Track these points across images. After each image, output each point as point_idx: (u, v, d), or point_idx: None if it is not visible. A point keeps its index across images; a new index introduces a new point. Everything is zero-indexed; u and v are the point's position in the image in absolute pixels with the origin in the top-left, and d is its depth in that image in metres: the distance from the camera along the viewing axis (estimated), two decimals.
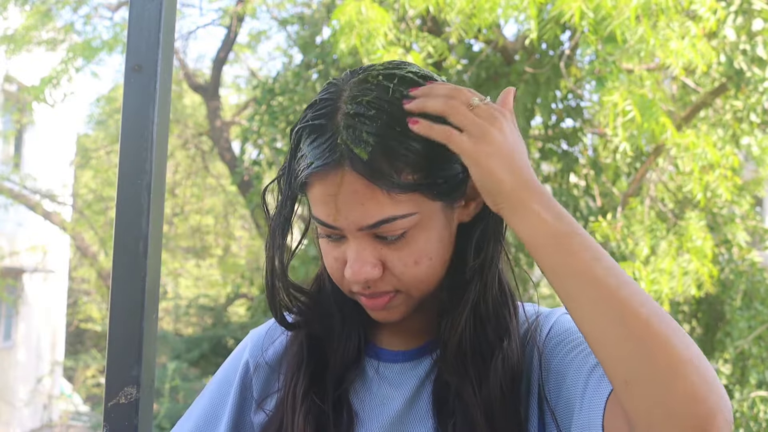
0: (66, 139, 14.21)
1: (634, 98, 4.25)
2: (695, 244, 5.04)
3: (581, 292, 0.76)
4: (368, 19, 4.30)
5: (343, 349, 0.94)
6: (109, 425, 1.13)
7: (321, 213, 0.85)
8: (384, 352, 0.96)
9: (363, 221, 0.83)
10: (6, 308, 13.23)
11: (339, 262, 0.88)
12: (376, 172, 0.81)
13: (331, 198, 0.83)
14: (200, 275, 15.66)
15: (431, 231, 0.86)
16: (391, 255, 0.85)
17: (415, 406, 0.93)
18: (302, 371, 0.94)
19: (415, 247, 0.85)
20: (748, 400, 6.63)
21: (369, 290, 0.87)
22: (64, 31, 8.97)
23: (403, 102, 0.83)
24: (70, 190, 12.92)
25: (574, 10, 3.93)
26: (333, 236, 0.87)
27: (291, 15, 8.71)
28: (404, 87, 0.85)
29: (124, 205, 1.06)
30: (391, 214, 0.83)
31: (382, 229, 0.84)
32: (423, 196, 0.84)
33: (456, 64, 6.42)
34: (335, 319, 0.95)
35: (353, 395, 0.94)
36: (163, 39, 1.09)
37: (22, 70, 11.55)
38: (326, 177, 0.83)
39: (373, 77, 0.86)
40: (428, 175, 0.83)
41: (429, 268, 0.87)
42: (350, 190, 0.82)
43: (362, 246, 0.85)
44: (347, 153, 0.81)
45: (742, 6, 4.85)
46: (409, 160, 0.82)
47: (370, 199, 0.82)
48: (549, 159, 6.72)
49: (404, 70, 0.87)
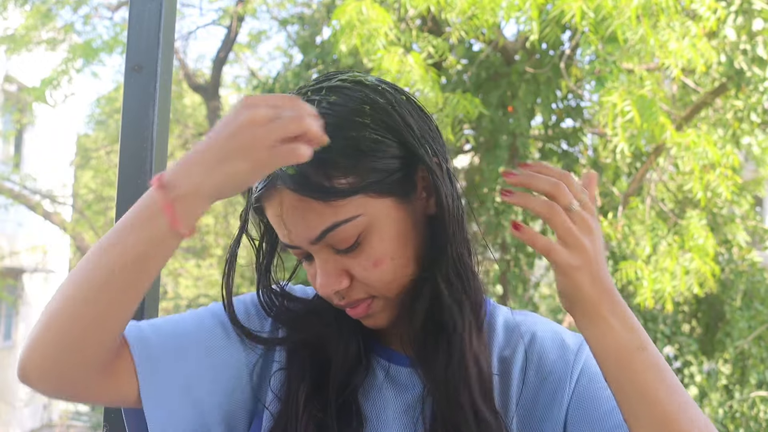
0: (66, 139, 14.21)
1: (633, 99, 4.24)
2: (697, 242, 5.04)
3: (642, 411, 0.78)
4: (369, 19, 4.29)
5: (342, 356, 0.92)
6: (109, 425, 1.13)
7: (279, 235, 0.87)
8: (395, 355, 0.95)
9: (309, 234, 0.83)
10: (6, 308, 13.23)
11: (314, 279, 0.89)
12: (306, 184, 0.81)
13: (278, 218, 0.85)
14: (200, 275, 15.65)
15: (385, 230, 0.85)
16: (351, 262, 0.85)
17: (416, 411, 0.91)
18: (303, 381, 0.92)
19: (370, 250, 0.85)
20: (748, 400, 6.63)
21: (344, 300, 0.88)
22: (64, 31, 8.97)
23: (504, 174, 0.80)
24: (70, 190, 12.92)
25: (575, 11, 3.93)
26: (302, 256, 0.88)
27: (291, 15, 8.71)
28: (331, 95, 0.85)
29: (124, 205, 1.06)
30: (333, 221, 0.82)
31: (330, 238, 0.83)
32: (365, 197, 0.83)
33: (456, 64, 6.41)
34: (331, 326, 0.94)
35: (362, 397, 0.93)
36: (163, 39, 1.09)
37: (23, 70, 11.56)
38: (270, 199, 0.85)
39: (303, 93, 0.87)
40: (362, 175, 0.83)
41: (393, 267, 0.86)
42: (290, 207, 0.83)
43: (323, 259, 0.86)
44: (279, 172, 0.82)
45: (742, 6, 4.84)
46: (337, 165, 0.82)
47: (309, 211, 0.82)
48: (549, 159, 6.72)
49: (333, 80, 0.87)
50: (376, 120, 0.85)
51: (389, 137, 0.85)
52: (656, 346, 0.77)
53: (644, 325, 6.78)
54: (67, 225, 11.05)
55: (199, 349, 0.91)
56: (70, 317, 0.78)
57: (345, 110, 0.84)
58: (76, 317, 0.78)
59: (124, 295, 0.78)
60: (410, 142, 0.85)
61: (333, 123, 0.82)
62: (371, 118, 0.85)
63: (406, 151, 0.85)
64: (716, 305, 6.92)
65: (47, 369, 0.80)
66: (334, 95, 0.85)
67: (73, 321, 0.78)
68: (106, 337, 0.81)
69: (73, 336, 0.78)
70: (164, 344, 0.89)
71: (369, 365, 0.94)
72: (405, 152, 0.85)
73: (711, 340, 7.00)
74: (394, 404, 0.92)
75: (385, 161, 0.84)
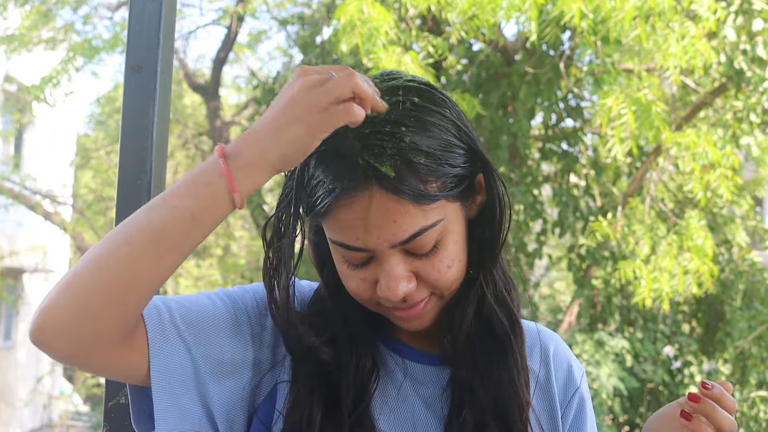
0: (66, 139, 14.21)
1: (629, 102, 4.25)
2: (696, 242, 5.04)
3: None
4: (370, 18, 4.30)
5: (354, 371, 0.91)
6: (109, 425, 1.13)
7: (346, 238, 0.83)
8: (408, 350, 0.95)
9: (396, 238, 0.82)
10: (6, 308, 13.23)
11: (367, 282, 0.86)
12: (406, 187, 0.80)
13: (359, 221, 0.81)
14: (200, 275, 15.64)
15: (456, 234, 0.86)
16: (423, 265, 0.85)
17: (433, 410, 0.92)
18: (314, 401, 0.89)
19: (445, 253, 0.85)
20: (748, 400, 6.63)
21: (406, 303, 0.86)
22: (64, 30, 8.97)
23: (703, 386, 0.83)
24: (70, 190, 12.92)
25: (574, 11, 3.93)
26: (356, 261, 0.85)
27: (291, 15, 8.71)
28: (413, 96, 0.84)
29: (124, 205, 1.06)
30: (423, 225, 0.82)
31: (416, 242, 0.83)
32: (446, 201, 0.84)
33: (456, 64, 6.41)
34: (341, 340, 0.92)
35: (378, 397, 0.92)
36: (163, 39, 1.09)
37: (22, 69, 11.55)
38: (352, 201, 0.81)
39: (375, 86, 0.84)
40: (447, 179, 0.83)
41: (459, 270, 0.87)
42: (381, 210, 0.80)
43: (394, 262, 0.84)
44: (372, 173, 0.80)
45: (742, 6, 4.84)
46: (430, 169, 0.81)
47: (403, 215, 0.81)
48: (549, 159, 6.72)
49: (402, 80, 0.87)
50: (455, 125, 0.86)
51: (462, 142, 0.86)
52: (656, 346, 0.79)
53: (644, 325, 6.80)
54: (67, 225, 11.05)
55: (211, 335, 0.89)
56: (104, 271, 0.76)
57: (431, 113, 0.84)
58: (111, 271, 0.76)
59: (163, 257, 0.77)
60: (478, 149, 0.87)
61: (424, 125, 0.83)
62: (452, 123, 0.85)
63: (473, 156, 0.87)
64: (716, 305, 6.92)
65: (65, 328, 0.77)
66: (416, 96, 0.85)
67: (107, 275, 0.76)
68: (137, 300, 0.79)
69: (104, 292, 0.76)
70: (178, 324, 0.87)
71: (380, 373, 0.93)
72: (473, 158, 0.87)
73: (711, 340, 7.00)
74: (413, 401, 0.93)
75: (461, 167, 0.85)
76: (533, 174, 6.56)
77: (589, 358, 5.93)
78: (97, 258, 0.77)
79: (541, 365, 0.98)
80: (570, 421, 0.97)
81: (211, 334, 0.89)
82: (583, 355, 5.94)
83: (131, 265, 0.77)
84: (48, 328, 0.77)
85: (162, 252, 0.77)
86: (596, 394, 5.85)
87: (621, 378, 6.05)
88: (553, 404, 0.96)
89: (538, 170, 6.79)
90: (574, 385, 0.98)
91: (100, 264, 0.77)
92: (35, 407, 13.61)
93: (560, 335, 2.11)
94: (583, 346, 5.96)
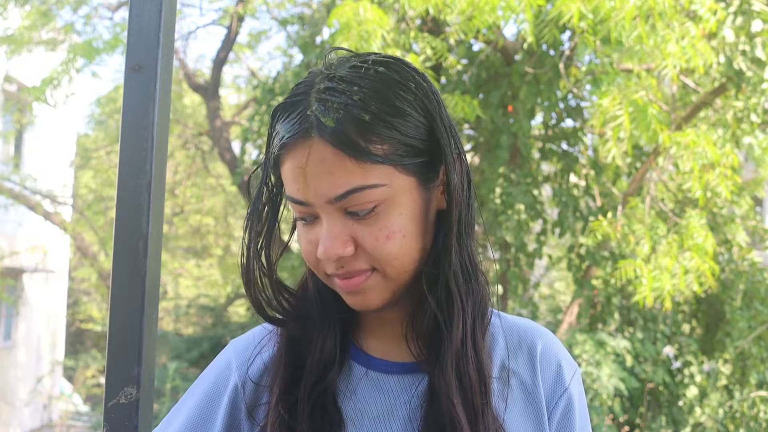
0: (66, 139, 14.21)
1: (626, 103, 4.25)
2: (696, 241, 5.04)
3: None
4: (366, 20, 4.30)
5: (319, 350, 0.91)
6: (109, 425, 1.13)
7: (291, 189, 0.85)
8: (377, 362, 0.94)
9: (332, 192, 0.83)
10: (6, 308, 13.23)
11: (312, 244, 0.87)
12: (344, 139, 0.81)
13: (299, 171, 0.83)
14: (200, 275, 15.65)
15: (403, 206, 0.85)
16: (362, 231, 0.84)
17: (402, 415, 0.91)
18: (278, 377, 0.92)
19: (386, 221, 0.84)
20: (748, 400, 6.63)
21: (343, 269, 0.86)
22: (64, 31, 8.97)
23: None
24: (70, 191, 12.93)
25: (573, 12, 3.93)
26: (306, 217, 0.87)
27: (291, 15, 8.71)
28: (378, 66, 0.86)
29: (124, 205, 1.06)
30: (360, 183, 0.82)
31: (352, 200, 0.83)
32: (394, 169, 0.84)
33: (456, 64, 6.42)
34: (314, 320, 0.93)
35: (341, 399, 0.92)
36: (163, 39, 1.09)
37: (23, 70, 11.55)
38: (295, 148, 0.83)
39: (348, 59, 0.88)
40: (395, 146, 0.83)
41: (402, 244, 0.85)
42: (318, 159, 0.82)
43: (333, 222, 0.84)
44: (315, 122, 0.82)
45: (741, 7, 4.84)
46: (379, 132, 0.82)
47: (339, 167, 0.82)
48: (549, 159, 6.72)
49: (378, 55, 0.89)
50: (418, 99, 0.86)
51: (423, 119, 0.86)
52: (656, 346, 0.77)
53: (644, 325, 6.80)
54: (67, 225, 11.06)
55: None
56: None
57: (391, 80, 0.86)
58: None
59: None
60: (440, 130, 0.87)
61: (378, 89, 0.84)
62: (414, 96, 0.86)
63: (433, 137, 0.87)
64: (716, 305, 6.92)
65: None
66: (382, 66, 0.87)
67: None
68: None
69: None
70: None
71: (345, 362, 0.94)
72: (432, 138, 0.87)
73: (711, 340, 7.00)
74: (375, 406, 0.92)
75: (416, 140, 0.85)
76: (533, 174, 6.56)
77: (589, 359, 5.93)
78: None
79: (527, 367, 0.95)
80: (555, 423, 0.94)
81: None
82: (584, 355, 5.94)
83: None
84: None
85: None
86: (596, 395, 5.85)
87: (621, 378, 6.05)
88: (540, 407, 0.94)
89: (538, 170, 6.79)
90: (562, 386, 0.95)
91: None
92: (35, 407, 13.60)
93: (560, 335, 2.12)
94: (583, 347, 5.96)
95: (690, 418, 6.91)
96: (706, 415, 6.80)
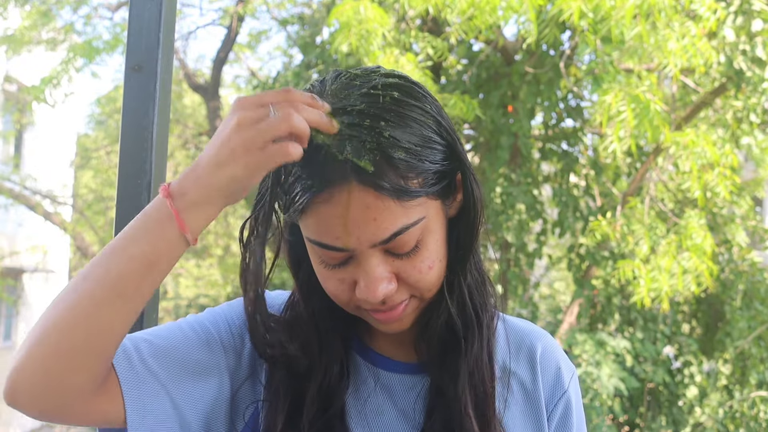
0: (66, 139, 14.21)
1: (629, 99, 4.24)
2: (695, 242, 5.04)
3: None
4: (366, 19, 4.29)
5: (322, 377, 0.89)
6: None
7: (325, 237, 0.80)
8: (385, 360, 0.94)
9: (377, 237, 0.78)
10: (6, 308, 13.23)
11: (345, 284, 0.83)
12: (385, 182, 0.77)
13: (338, 219, 0.78)
14: (200, 275, 15.65)
15: (436, 232, 0.83)
16: (404, 266, 0.82)
17: (408, 419, 0.91)
18: (278, 408, 0.88)
19: (427, 253, 0.82)
20: (748, 400, 6.63)
21: (386, 305, 0.83)
22: (64, 31, 8.97)
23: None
24: (70, 190, 12.93)
25: (574, 10, 3.93)
26: (334, 261, 0.82)
27: (291, 15, 8.71)
28: (392, 91, 0.81)
29: (124, 205, 1.06)
30: (405, 223, 0.79)
31: (397, 241, 0.79)
32: (427, 198, 0.81)
33: (456, 64, 6.41)
34: (313, 347, 0.90)
35: (353, 408, 0.90)
36: (163, 39, 1.09)
37: (22, 70, 11.56)
38: (331, 197, 0.77)
39: (356, 86, 0.82)
40: (427, 175, 0.80)
41: (440, 270, 0.85)
42: (361, 206, 0.77)
43: (375, 263, 0.80)
44: (351, 167, 0.76)
45: (741, 6, 4.84)
46: (414, 167, 0.79)
47: (383, 211, 0.77)
48: (549, 159, 6.72)
49: (382, 75, 0.84)
50: (435, 120, 0.83)
51: (442, 138, 0.83)
52: (656, 346, 0.77)
53: (644, 325, 6.80)
54: (67, 225, 11.06)
55: (185, 369, 0.87)
56: (69, 328, 0.74)
57: (411, 107, 0.81)
58: (76, 328, 0.74)
59: (127, 306, 0.76)
60: (457, 146, 0.84)
61: (404, 120, 0.80)
62: (432, 119, 0.83)
63: (452, 153, 0.84)
64: (716, 305, 6.92)
65: (38, 388, 0.75)
66: (396, 91, 0.81)
67: (73, 332, 0.74)
68: (105, 351, 0.77)
69: (71, 349, 0.74)
70: (149, 364, 0.85)
71: (352, 379, 0.92)
72: (452, 155, 0.84)
73: (711, 340, 7.00)
74: (389, 412, 0.91)
75: (441, 164, 0.82)
76: (533, 174, 6.56)
77: (589, 359, 5.93)
78: (61, 317, 0.75)
79: (528, 369, 0.96)
80: (554, 424, 0.95)
81: (185, 366, 0.87)
82: (584, 355, 5.93)
83: (97, 320, 0.75)
84: (20, 391, 0.76)
85: (125, 301, 0.76)
86: (596, 395, 5.85)
87: (621, 378, 6.05)
88: (540, 408, 0.94)
89: (538, 170, 6.79)
90: (561, 389, 0.96)
91: (65, 322, 0.75)
92: None
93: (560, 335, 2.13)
94: (583, 347, 5.95)
95: (690, 418, 6.91)
96: (706, 415, 6.80)
